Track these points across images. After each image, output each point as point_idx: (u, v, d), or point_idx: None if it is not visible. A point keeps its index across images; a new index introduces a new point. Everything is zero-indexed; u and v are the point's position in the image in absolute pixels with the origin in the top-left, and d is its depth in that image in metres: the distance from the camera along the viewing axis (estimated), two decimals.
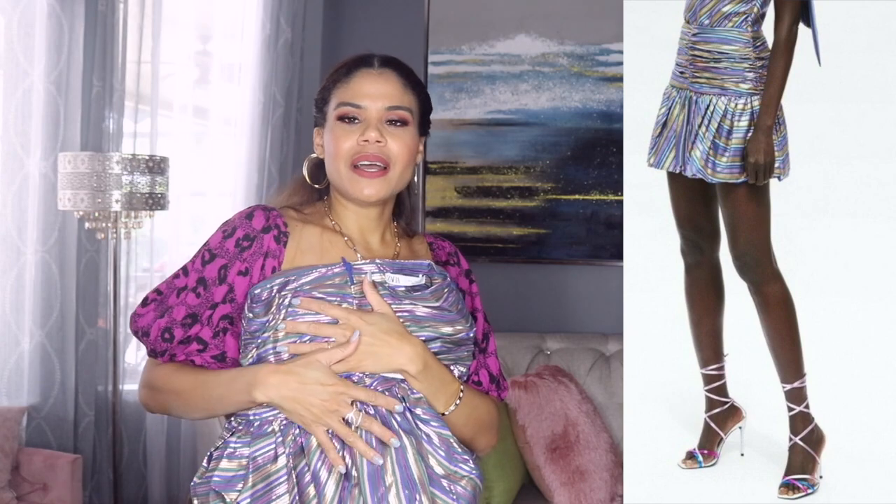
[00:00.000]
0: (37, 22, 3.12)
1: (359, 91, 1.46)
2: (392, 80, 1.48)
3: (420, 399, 1.39)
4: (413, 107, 1.49)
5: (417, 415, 1.37)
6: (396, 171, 1.46)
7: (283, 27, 3.56)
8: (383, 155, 1.44)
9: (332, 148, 1.46)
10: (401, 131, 1.47)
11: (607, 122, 3.58)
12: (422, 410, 1.38)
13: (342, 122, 1.46)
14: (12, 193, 3.13)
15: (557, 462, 2.91)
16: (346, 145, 1.44)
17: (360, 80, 1.47)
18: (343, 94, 1.47)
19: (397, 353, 1.37)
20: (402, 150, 1.46)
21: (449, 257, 1.61)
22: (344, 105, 1.46)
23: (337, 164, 1.46)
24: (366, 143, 1.44)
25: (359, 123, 1.46)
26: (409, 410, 1.37)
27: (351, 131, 1.45)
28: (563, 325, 3.58)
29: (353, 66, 1.49)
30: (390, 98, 1.46)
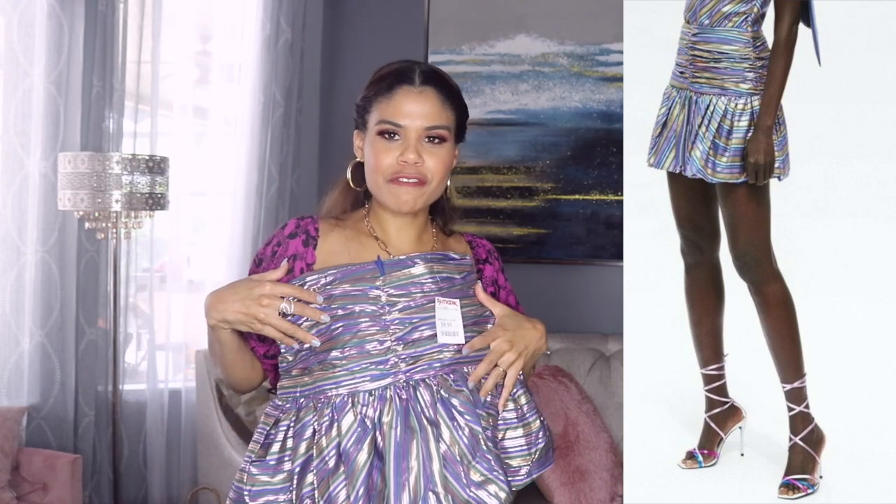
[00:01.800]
0: (37, 22, 3.13)
1: (399, 109, 1.51)
2: (432, 98, 1.53)
3: (460, 391, 1.48)
4: (451, 123, 1.55)
5: (454, 405, 1.47)
6: (433, 185, 1.54)
7: (283, 27, 3.56)
8: (420, 174, 1.52)
9: (372, 161, 1.53)
10: (438, 148, 1.53)
11: (607, 122, 3.58)
12: (458, 402, 1.47)
13: (382, 137, 1.52)
14: (12, 193, 3.13)
15: (557, 462, 2.91)
16: (386, 162, 1.51)
17: (401, 98, 1.52)
18: (384, 110, 1.52)
19: (538, 337, 1.56)
20: (439, 167, 1.53)
21: (489, 255, 1.70)
22: (384, 122, 1.52)
23: (376, 177, 1.53)
24: (404, 164, 1.51)
25: (398, 140, 1.52)
26: (443, 402, 1.47)
27: (391, 148, 1.51)
28: (563, 325, 3.58)
29: (396, 81, 1.53)
30: (429, 118, 1.52)
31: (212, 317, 1.49)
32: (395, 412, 1.45)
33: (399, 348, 1.47)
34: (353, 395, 1.46)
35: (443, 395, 1.47)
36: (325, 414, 1.46)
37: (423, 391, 1.47)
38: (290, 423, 1.49)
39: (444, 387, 1.48)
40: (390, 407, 1.45)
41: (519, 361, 1.51)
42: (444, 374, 1.49)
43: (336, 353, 1.47)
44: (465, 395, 1.48)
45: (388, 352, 1.47)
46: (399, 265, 1.52)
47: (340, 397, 1.46)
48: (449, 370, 1.49)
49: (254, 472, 1.49)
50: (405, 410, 1.45)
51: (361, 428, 1.45)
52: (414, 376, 1.47)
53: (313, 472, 1.44)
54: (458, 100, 1.58)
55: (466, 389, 1.48)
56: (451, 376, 1.49)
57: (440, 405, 1.46)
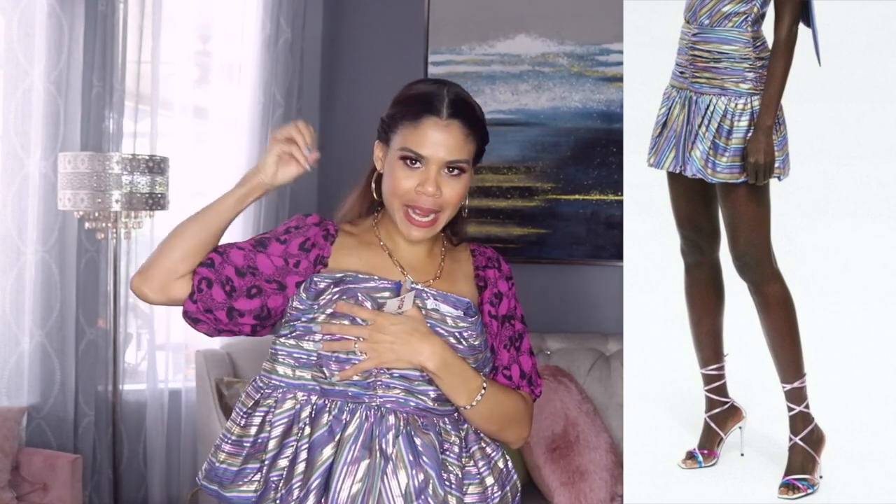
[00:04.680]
0: (37, 22, 3.13)
1: (424, 140, 1.53)
2: (456, 132, 1.55)
3: (426, 435, 1.51)
4: (471, 155, 1.59)
5: (416, 444, 1.51)
6: (446, 215, 1.58)
7: (283, 27, 3.56)
8: (436, 205, 1.55)
9: (391, 184, 1.55)
10: (456, 180, 1.57)
11: (607, 122, 3.58)
12: (421, 442, 1.50)
13: (404, 163, 1.54)
14: (12, 193, 3.13)
15: (557, 462, 2.91)
16: (404, 187, 1.54)
17: (427, 129, 1.53)
18: (408, 137, 1.54)
19: (417, 351, 1.49)
20: (455, 197, 1.57)
21: (489, 262, 1.70)
22: (407, 150, 1.54)
23: (392, 200, 1.56)
24: (422, 194, 1.53)
25: (419, 168, 1.54)
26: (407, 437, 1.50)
27: (410, 175, 1.54)
28: (563, 325, 3.58)
29: (423, 109, 1.55)
30: (452, 152, 1.54)
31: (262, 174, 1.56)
32: (357, 429, 1.48)
33: (384, 376, 1.50)
34: (331, 402, 1.51)
35: (409, 430, 1.50)
36: (305, 411, 1.51)
37: (391, 420, 1.49)
38: (270, 408, 1.52)
39: (413, 425, 1.50)
40: (355, 423, 1.49)
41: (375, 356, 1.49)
42: (416, 414, 1.51)
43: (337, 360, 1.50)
44: (431, 439, 1.50)
45: (374, 374, 1.50)
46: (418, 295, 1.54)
47: (321, 401, 1.51)
48: (422, 414, 1.52)
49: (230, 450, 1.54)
50: (367, 432, 1.48)
51: (329, 433, 1.49)
52: (386, 404, 1.50)
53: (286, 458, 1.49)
54: (481, 128, 1.61)
55: (433, 435, 1.51)
56: (422, 420, 1.52)
57: (402, 440, 1.49)
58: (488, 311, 1.63)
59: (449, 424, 1.55)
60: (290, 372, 1.53)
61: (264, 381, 1.56)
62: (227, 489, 1.53)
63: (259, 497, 1.50)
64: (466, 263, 1.69)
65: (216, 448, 1.57)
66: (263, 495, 1.50)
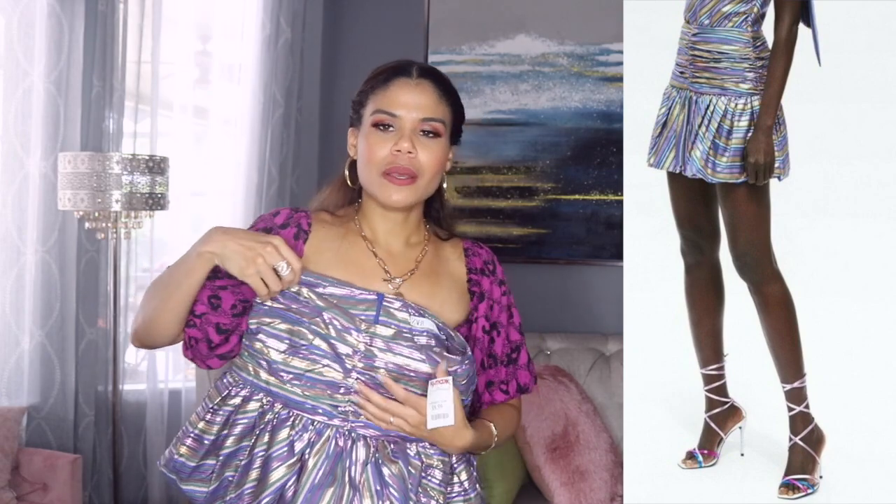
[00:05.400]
0: (37, 22, 3.13)
1: (395, 100, 1.51)
2: (428, 90, 1.52)
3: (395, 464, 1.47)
4: (447, 118, 1.54)
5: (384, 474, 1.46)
6: (424, 181, 1.53)
7: (283, 27, 3.56)
8: (413, 167, 1.50)
9: (366, 153, 1.52)
10: (432, 143, 1.52)
11: (607, 122, 3.58)
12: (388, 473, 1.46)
13: (377, 128, 1.51)
14: (12, 193, 3.13)
15: (557, 462, 2.91)
16: (380, 153, 1.50)
17: (397, 90, 1.51)
18: (380, 101, 1.52)
19: (449, 445, 1.49)
20: (432, 162, 1.52)
21: (485, 265, 1.64)
22: (380, 112, 1.51)
23: (369, 170, 1.52)
24: (398, 154, 1.49)
25: (393, 132, 1.51)
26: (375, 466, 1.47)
27: (385, 139, 1.50)
28: (563, 325, 3.58)
29: (392, 73, 1.53)
30: (425, 109, 1.51)
31: (211, 243, 1.45)
32: (324, 454, 1.44)
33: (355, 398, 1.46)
34: (297, 416, 1.46)
35: (377, 458, 1.45)
36: (266, 417, 1.46)
37: (360, 448, 1.45)
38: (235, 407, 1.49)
39: (382, 453, 1.46)
40: (323, 447, 1.44)
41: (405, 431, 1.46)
42: (386, 440, 1.47)
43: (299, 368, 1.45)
44: (399, 468, 1.46)
45: (345, 397, 1.45)
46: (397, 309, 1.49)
47: (287, 411, 1.46)
48: (392, 440, 1.47)
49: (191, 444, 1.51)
50: (335, 457, 1.44)
51: (289, 449, 1.44)
52: (357, 429, 1.45)
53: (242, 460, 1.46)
54: (455, 98, 1.57)
55: (402, 464, 1.46)
56: (392, 446, 1.47)
57: (370, 468, 1.44)
58: (483, 325, 1.59)
59: (431, 448, 1.50)
60: (261, 373, 1.48)
61: (234, 378, 1.52)
62: (184, 482, 1.51)
63: (212, 493, 1.49)
64: (457, 263, 1.63)
65: (178, 440, 1.54)
66: (216, 493, 1.48)
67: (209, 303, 1.51)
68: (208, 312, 1.51)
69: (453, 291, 1.59)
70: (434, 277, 1.58)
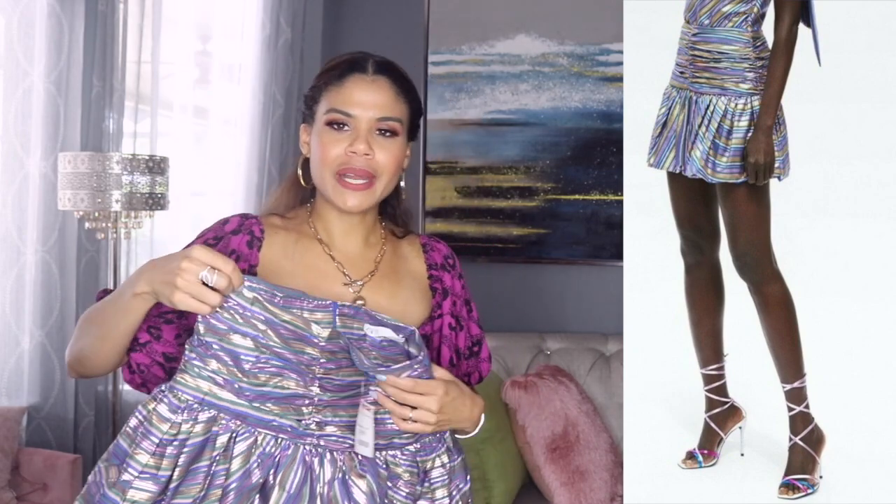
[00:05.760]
0: (37, 22, 3.12)
1: (350, 98, 1.42)
2: (385, 88, 1.44)
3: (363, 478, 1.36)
4: (404, 116, 1.46)
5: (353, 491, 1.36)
6: (382, 183, 1.45)
7: (283, 27, 3.56)
8: (370, 168, 1.42)
9: (319, 153, 1.43)
10: (389, 142, 1.44)
11: (607, 122, 3.58)
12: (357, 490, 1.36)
13: (331, 127, 1.43)
14: (12, 193, 3.13)
15: (557, 462, 2.91)
16: (334, 153, 1.42)
17: (353, 87, 1.43)
18: (334, 98, 1.43)
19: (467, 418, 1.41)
20: (390, 162, 1.44)
21: (445, 260, 1.59)
22: (334, 111, 1.42)
23: (322, 171, 1.43)
24: (353, 155, 1.41)
25: (348, 131, 1.42)
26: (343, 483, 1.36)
27: (339, 139, 1.42)
28: (563, 325, 3.58)
29: (347, 69, 1.45)
30: (382, 108, 1.43)
31: (141, 282, 1.30)
32: (293, 474, 1.32)
33: (319, 410, 1.35)
34: (258, 434, 1.33)
35: (345, 474, 1.35)
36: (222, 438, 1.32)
37: (328, 464, 1.35)
38: (184, 435, 1.31)
39: (349, 466, 1.35)
40: (291, 467, 1.33)
41: (430, 428, 1.36)
42: (353, 453, 1.36)
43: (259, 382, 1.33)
44: (368, 483, 1.35)
45: (310, 409, 1.35)
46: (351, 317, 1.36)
47: (248, 430, 1.33)
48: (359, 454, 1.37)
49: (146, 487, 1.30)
50: (304, 477, 1.33)
51: (246, 475, 1.32)
52: (321, 442, 1.35)
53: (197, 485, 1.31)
54: (413, 94, 1.49)
55: (370, 478, 1.35)
56: (360, 457, 1.36)
57: (338, 485, 1.34)
58: (449, 322, 1.53)
59: (401, 455, 1.40)
60: (216, 391, 1.33)
61: (180, 398, 1.33)
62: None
63: None
64: (417, 261, 1.56)
65: (122, 484, 1.30)
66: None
67: (149, 333, 1.41)
68: (151, 341, 1.41)
69: (415, 290, 1.53)
70: (395, 277, 1.52)
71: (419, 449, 1.42)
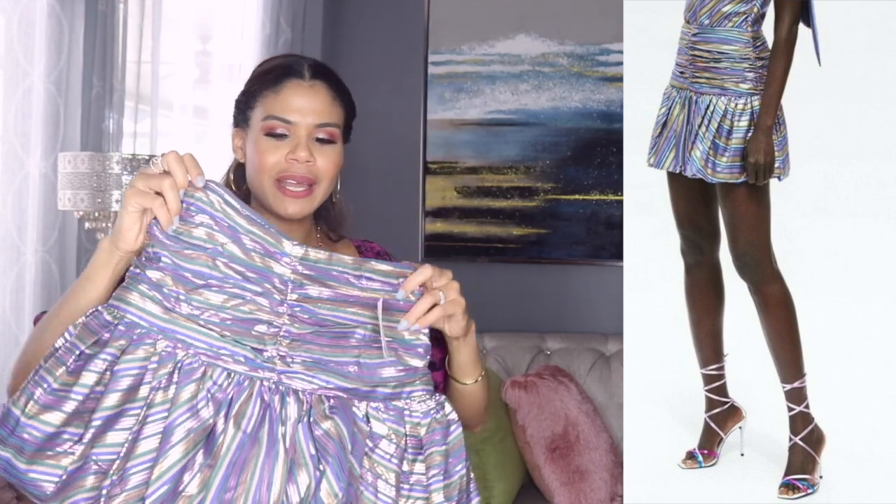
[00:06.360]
0: (37, 22, 3.12)
1: (288, 105, 1.40)
2: (322, 93, 1.42)
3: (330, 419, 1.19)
4: (340, 120, 1.45)
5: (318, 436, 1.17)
6: (322, 188, 1.42)
7: (283, 27, 3.55)
8: (311, 174, 1.40)
9: (257, 161, 1.40)
10: (328, 148, 1.42)
11: (607, 122, 3.58)
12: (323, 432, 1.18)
13: (270, 135, 1.40)
14: (12, 193, 3.13)
15: (557, 462, 2.91)
16: (272, 160, 1.39)
17: (290, 93, 1.40)
18: (271, 105, 1.40)
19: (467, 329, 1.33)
20: (330, 168, 1.42)
21: (378, 256, 1.57)
22: (272, 119, 1.40)
23: (261, 178, 1.40)
24: (294, 162, 1.39)
25: (287, 138, 1.40)
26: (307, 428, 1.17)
27: (278, 146, 1.39)
28: (563, 325, 3.58)
29: (283, 74, 1.42)
30: (320, 114, 1.41)
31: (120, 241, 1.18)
32: (249, 411, 1.15)
33: (285, 342, 1.20)
34: (208, 365, 1.16)
35: (312, 416, 1.17)
36: (165, 368, 1.13)
37: (292, 403, 1.17)
38: (120, 351, 1.12)
39: (317, 409, 1.18)
40: (246, 403, 1.15)
41: (462, 318, 1.28)
42: (324, 395, 1.20)
43: (212, 303, 1.17)
44: (335, 425, 1.17)
45: (274, 339, 1.19)
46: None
47: (195, 359, 1.15)
48: (330, 394, 1.20)
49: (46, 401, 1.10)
50: (261, 417, 1.15)
51: (192, 413, 1.12)
52: (283, 379, 1.18)
53: (125, 432, 1.11)
54: (348, 96, 1.47)
55: (338, 420, 1.18)
56: (330, 401, 1.20)
57: (302, 428, 1.16)
58: None
59: (385, 412, 1.22)
60: (156, 309, 1.15)
61: (113, 314, 1.15)
62: (26, 460, 1.08)
63: (69, 477, 1.08)
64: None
65: (21, 392, 1.11)
66: (74, 479, 1.08)
67: None
68: None
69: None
70: None
71: (409, 407, 1.24)
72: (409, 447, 1.22)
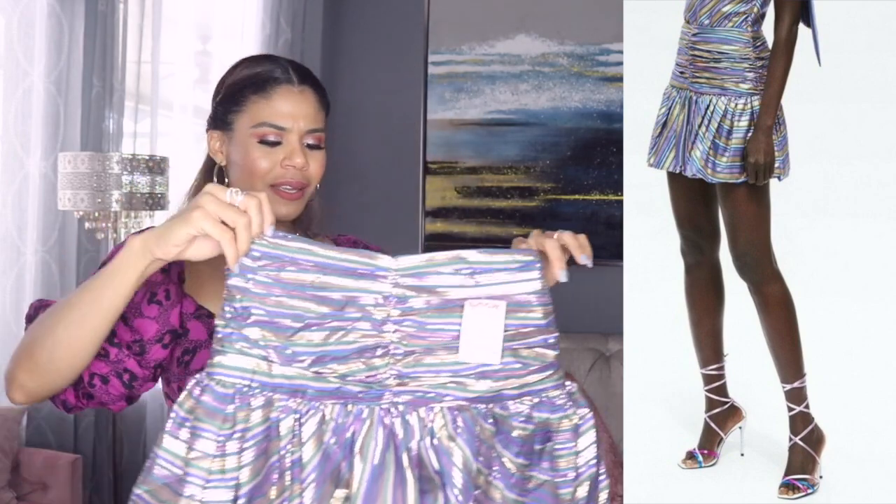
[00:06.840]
0: (37, 22, 3.13)
1: (281, 111, 1.41)
2: (311, 99, 1.44)
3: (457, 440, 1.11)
4: (325, 125, 1.47)
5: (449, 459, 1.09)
6: (311, 190, 1.46)
7: (283, 27, 3.56)
8: (304, 179, 1.43)
9: (250, 167, 1.41)
10: (317, 153, 1.45)
11: (607, 122, 3.58)
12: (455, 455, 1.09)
13: (263, 141, 1.41)
14: (12, 193, 3.14)
15: None
16: (266, 166, 1.40)
17: (282, 100, 1.41)
18: (263, 111, 1.41)
19: None
20: (319, 171, 1.45)
21: (354, 245, 1.58)
22: (265, 126, 1.40)
23: (254, 183, 1.40)
24: (290, 168, 1.41)
25: (280, 144, 1.41)
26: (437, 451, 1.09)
27: (271, 153, 1.41)
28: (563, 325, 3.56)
29: (273, 80, 1.42)
30: (310, 120, 1.42)
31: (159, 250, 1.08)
32: (373, 442, 1.07)
33: (397, 361, 1.10)
34: (323, 408, 1.08)
35: (432, 435, 1.09)
36: (287, 420, 1.07)
37: (414, 424, 1.09)
38: (245, 427, 1.05)
39: (439, 426, 1.10)
40: (370, 433, 1.08)
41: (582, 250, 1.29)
42: (450, 411, 1.10)
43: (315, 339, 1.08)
44: (460, 449, 1.09)
45: (384, 362, 1.10)
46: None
47: (309, 406, 1.08)
48: (456, 410, 1.10)
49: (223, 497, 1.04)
50: (386, 442, 1.07)
51: (324, 459, 1.06)
52: (401, 400, 1.09)
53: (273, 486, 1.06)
54: (327, 100, 1.50)
55: (461, 441, 1.09)
56: (458, 419, 1.10)
57: (424, 449, 1.08)
58: None
59: (512, 408, 1.15)
60: (262, 366, 1.07)
61: (225, 384, 1.07)
62: None
63: None
64: None
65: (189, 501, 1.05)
66: None
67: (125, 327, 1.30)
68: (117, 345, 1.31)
69: None
70: None
71: (538, 403, 1.18)
72: (536, 441, 1.15)
